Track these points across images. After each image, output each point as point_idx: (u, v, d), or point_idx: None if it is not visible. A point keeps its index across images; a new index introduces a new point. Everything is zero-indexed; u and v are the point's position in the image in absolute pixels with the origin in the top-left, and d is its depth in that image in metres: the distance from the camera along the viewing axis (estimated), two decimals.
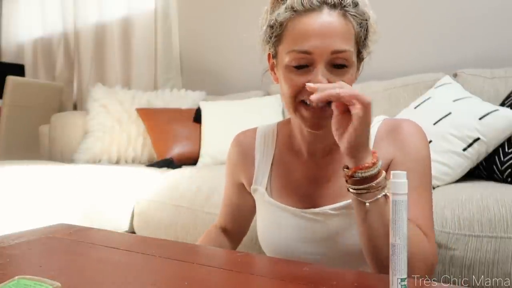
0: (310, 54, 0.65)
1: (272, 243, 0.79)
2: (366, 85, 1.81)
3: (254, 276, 0.56)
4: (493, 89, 1.49)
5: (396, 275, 0.46)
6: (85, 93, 2.99)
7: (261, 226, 0.82)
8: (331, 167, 0.76)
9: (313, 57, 0.65)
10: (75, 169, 1.83)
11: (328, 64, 0.65)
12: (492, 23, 1.71)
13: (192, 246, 0.79)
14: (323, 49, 0.64)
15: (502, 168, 1.20)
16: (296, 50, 0.65)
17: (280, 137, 0.83)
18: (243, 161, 0.86)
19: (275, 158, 0.82)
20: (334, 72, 0.66)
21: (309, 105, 0.67)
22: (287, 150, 0.81)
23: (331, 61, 0.65)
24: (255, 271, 0.58)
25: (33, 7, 3.46)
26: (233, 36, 2.43)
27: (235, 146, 0.88)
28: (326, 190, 0.76)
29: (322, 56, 0.64)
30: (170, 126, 2.09)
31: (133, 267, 0.60)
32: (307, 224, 0.75)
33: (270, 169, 0.81)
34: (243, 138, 0.87)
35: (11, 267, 0.62)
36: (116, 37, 2.89)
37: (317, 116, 0.67)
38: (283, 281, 0.53)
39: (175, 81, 2.70)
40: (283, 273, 0.57)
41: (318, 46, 0.64)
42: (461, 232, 0.92)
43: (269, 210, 0.80)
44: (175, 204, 1.43)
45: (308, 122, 0.68)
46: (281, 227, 0.77)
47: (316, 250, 0.75)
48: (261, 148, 0.84)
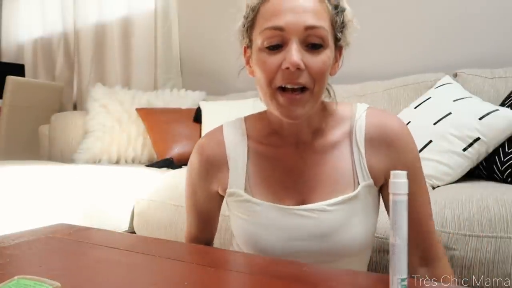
0: (282, 30, 0.62)
1: (258, 246, 0.74)
2: (366, 85, 1.81)
3: (254, 276, 0.56)
4: (493, 89, 1.49)
5: (396, 275, 0.46)
6: (85, 93, 2.98)
7: (243, 230, 0.76)
8: (318, 158, 0.73)
9: (286, 34, 0.62)
10: (75, 169, 1.83)
11: (302, 42, 0.63)
12: (492, 23, 1.71)
13: (192, 246, 0.79)
14: (296, 24, 0.62)
15: (502, 168, 1.20)
16: (268, 27, 0.63)
17: (251, 132, 0.78)
18: (214, 171, 0.78)
19: (250, 155, 0.76)
20: (309, 52, 0.63)
21: (284, 89, 0.64)
22: (262, 145, 0.76)
23: (305, 39, 0.63)
24: (254, 271, 0.58)
25: (33, 7, 3.45)
26: (233, 36, 2.43)
27: (200, 155, 0.79)
28: (318, 184, 0.73)
29: (295, 32, 0.62)
30: (170, 126, 2.09)
31: (133, 267, 0.60)
32: (299, 221, 0.71)
33: (246, 167, 0.76)
34: (210, 146, 0.79)
35: (11, 267, 0.62)
36: (116, 37, 2.89)
37: (294, 103, 0.64)
38: (283, 281, 0.53)
39: (175, 81, 2.70)
40: (283, 273, 0.57)
41: (291, 21, 0.62)
42: (461, 232, 0.92)
43: (250, 211, 0.74)
44: (175, 204, 1.43)
45: (285, 110, 0.66)
46: (268, 228, 0.72)
47: (309, 248, 0.71)
48: (233, 149, 0.77)
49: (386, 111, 0.76)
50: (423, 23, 1.87)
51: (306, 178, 0.74)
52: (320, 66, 0.64)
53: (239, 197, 0.76)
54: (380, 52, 1.93)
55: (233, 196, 0.77)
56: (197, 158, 0.80)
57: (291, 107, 0.65)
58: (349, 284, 0.54)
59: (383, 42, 1.94)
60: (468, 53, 1.76)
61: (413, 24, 1.90)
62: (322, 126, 0.74)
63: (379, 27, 1.94)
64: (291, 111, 0.66)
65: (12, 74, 2.79)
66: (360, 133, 0.72)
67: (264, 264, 0.63)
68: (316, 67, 0.64)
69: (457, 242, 0.92)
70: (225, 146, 0.78)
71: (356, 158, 0.72)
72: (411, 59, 1.89)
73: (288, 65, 0.62)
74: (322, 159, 0.74)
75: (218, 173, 0.78)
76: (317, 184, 0.73)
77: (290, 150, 0.75)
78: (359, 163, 0.72)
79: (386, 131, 0.71)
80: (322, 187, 0.73)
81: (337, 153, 0.73)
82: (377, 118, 0.72)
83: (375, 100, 1.73)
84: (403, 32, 1.92)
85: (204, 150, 0.79)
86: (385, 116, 0.73)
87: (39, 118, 2.71)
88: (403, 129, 0.72)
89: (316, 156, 0.74)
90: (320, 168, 0.74)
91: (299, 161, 0.74)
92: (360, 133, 0.72)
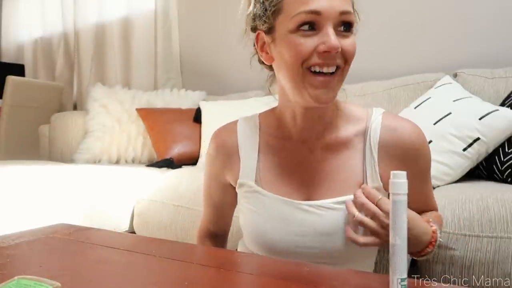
0: (319, 14, 0.63)
1: (263, 239, 0.74)
2: (366, 85, 1.81)
3: (254, 276, 0.56)
4: (493, 89, 1.49)
5: (396, 275, 0.46)
6: (85, 93, 2.98)
7: (250, 221, 0.77)
8: (328, 154, 0.74)
9: (321, 18, 0.63)
10: (75, 169, 1.83)
11: (335, 26, 0.65)
12: (492, 23, 1.71)
13: (192, 246, 0.79)
14: (332, 8, 0.63)
15: (502, 168, 1.20)
16: (304, 11, 0.64)
17: (264, 127, 0.80)
18: (227, 158, 0.81)
19: (261, 148, 0.78)
20: (340, 35, 0.65)
21: (318, 72, 0.65)
22: (274, 139, 0.78)
23: (338, 23, 0.65)
24: (255, 271, 0.58)
25: (33, 7, 3.45)
26: (233, 36, 2.43)
27: (216, 144, 0.83)
28: (325, 180, 0.73)
29: (331, 16, 0.63)
30: (170, 126, 2.09)
31: (133, 267, 0.60)
32: (305, 217, 0.72)
33: (258, 160, 0.78)
34: (224, 134, 0.83)
35: (11, 267, 0.62)
36: (116, 37, 2.89)
37: (328, 85, 0.66)
38: (284, 281, 0.53)
39: (175, 81, 2.70)
40: (284, 273, 0.57)
41: (327, 5, 0.63)
42: (461, 232, 0.92)
43: (259, 202, 0.76)
44: (175, 204, 1.42)
45: (317, 92, 0.66)
46: (275, 221, 0.73)
47: (313, 246, 0.72)
48: (245, 140, 0.80)
49: (401, 116, 0.77)
50: (423, 23, 1.87)
51: (314, 173, 0.74)
52: (352, 48, 0.67)
53: (249, 188, 0.77)
54: (380, 52, 1.93)
55: (243, 187, 0.79)
56: (212, 145, 0.84)
57: (324, 89, 0.66)
58: (350, 284, 0.54)
59: (383, 42, 1.94)
60: (468, 53, 1.76)
61: (413, 24, 1.90)
62: (334, 122, 0.75)
63: (379, 27, 1.93)
64: (323, 94, 0.66)
65: (12, 74, 2.79)
66: (375, 135, 0.72)
67: (265, 264, 0.63)
68: (350, 49, 0.66)
69: (457, 242, 0.92)
70: (237, 135, 0.80)
71: (368, 160, 0.72)
72: (411, 59, 1.89)
73: (328, 49, 0.63)
74: (332, 156, 0.74)
75: (230, 162, 0.80)
76: (325, 180, 0.73)
77: (299, 144, 0.76)
78: (370, 166, 0.72)
79: (401, 138, 0.71)
80: (329, 183, 0.73)
81: (348, 151, 0.74)
82: (393, 123, 0.73)
83: (375, 100, 1.73)
84: (403, 32, 1.92)
85: (218, 137, 0.83)
86: (401, 121, 0.73)
87: (39, 118, 2.71)
88: (418, 136, 0.72)
89: (326, 152, 0.74)
90: (329, 164, 0.74)
91: (309, 156, 0.75)
92: (374, 135, 0.72)
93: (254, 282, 0.54)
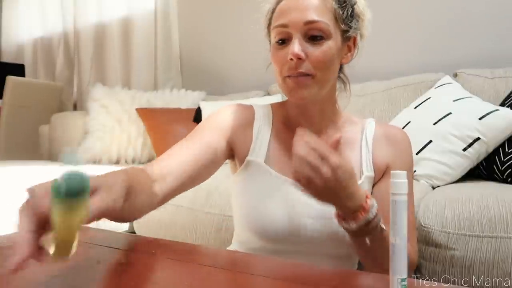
0: (287, 27, 0.72)
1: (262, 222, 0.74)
2: (366, 85, 1.81)
3: (255, 276, 0.56)
4: (493, 89, 1.49)
5: (396, 275, 0.46)
6: (85, 93, 2.99)
7: (252, 202, 0.77)
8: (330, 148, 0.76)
9: (290, 30, 0.71)
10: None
11: (304, 36, 0.71)
12: (492, 23, 1.71)
13: (192, 246, 0.79)
14: (297, 20, 0.71)
15: (502, 168, 1.20)
16: (277, 25, 0.73)
17: (276, 117, 0.84)
18: (241, 126, 0.81)
19: (273, 134, 0.82)
20: (311, 43, 0.71)
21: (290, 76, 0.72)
22: (284, 128, 0.82)
23: (306, 32, 0.71)
24: (255, 271, 0.58)
25: (33, 7, 3.46)
26: (233, 36, 2.43)
27: (235, 107, 0.82)
28: None
29: (296, 27, 0.71)
30: (170, 126, 2.09)
31: (133, 267, 0.60)
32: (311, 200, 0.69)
33: (268, 143, 0.81)
34: (243, 107, 0.84)
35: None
36: (116, 37, 2.89)
37: (299, 85, 0.72)
38: (284, 281, 0.53)
39: (175, 81, 2.70)
40: (284, 273, 0.57)
41: (293, 18, 0.71)
42: (461, 232, 0.92)
43: (266, 182, 0.77)
44: (175, 204, 1.43)
45: (292, 91, 0.73)
46: (281, 201, 0.75)
47: (313, 228, 0.74)
48: (259, 121, 0.82)
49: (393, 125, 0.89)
50: (423, 23, 1.87)
51: None
52: (319, 55, 0.71)
53: (258, 167, 0.78)
54: (380, 52, 1.93)
55: (250, 166, 0.79)
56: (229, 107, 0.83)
57: (297, 89, 0.73)
58: (350, 284, 0.54)
59: (383, 42, 1.94)
60: (468, 53, 1.76)
61: (413, 24, 1.90)
62: (336, 120, 0.82)
63: (379, 27, 1.93)
64: (297, 92, 0.73)
65: (12, 74, 2.79)
66: (370, 133, 0.82)
67: (264, 264, 0.63)
68: (315, 56, 0.71)
69: (457, 242, 0.92)
70: (254, 111, 0.84)
71: (364, 152, 0.80)
72: (411, 59, 1.89)
73: (291, 56, 0.70)
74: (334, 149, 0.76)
75: (244, 133, 0.81)
76: None
77: None
78: (365, 156, 0.79)
79: (391, 134, 0.82)
80: None
81: (348, 145, 0.81)
82: (385, 125, 0.85)
83: (375, 100, 1.73)
84: (403, 32, 1.92)
85: (237, 105, 0.84)
86: (391, 125, 0.86)
87: (39, 118, 2.71)
88: (406, 137, 0.82)
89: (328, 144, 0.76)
90: None
91: None
92: (370, 133, 0.82)
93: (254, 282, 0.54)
